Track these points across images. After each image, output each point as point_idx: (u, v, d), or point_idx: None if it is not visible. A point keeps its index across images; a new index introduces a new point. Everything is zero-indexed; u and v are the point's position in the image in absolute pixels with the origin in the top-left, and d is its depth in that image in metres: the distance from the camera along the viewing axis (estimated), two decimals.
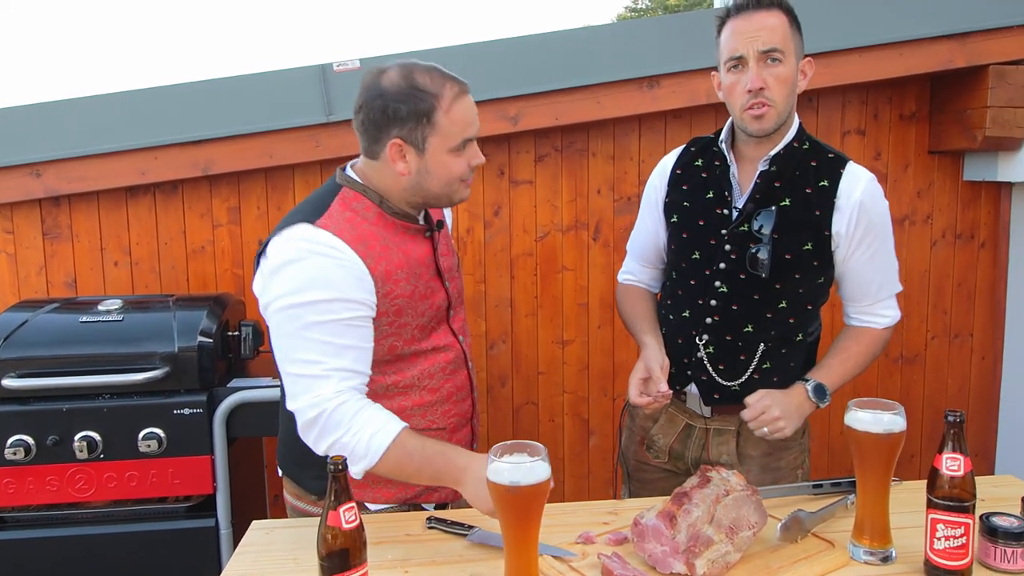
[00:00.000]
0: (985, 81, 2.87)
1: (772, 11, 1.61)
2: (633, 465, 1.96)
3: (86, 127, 2.87)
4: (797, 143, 1.70)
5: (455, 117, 1.49)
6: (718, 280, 1.73)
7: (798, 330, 1.77)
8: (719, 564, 1.29)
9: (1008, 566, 1.34)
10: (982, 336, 3.31)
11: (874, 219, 1.70)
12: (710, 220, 1.74)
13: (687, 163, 1.82)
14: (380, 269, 1.49)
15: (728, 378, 1.77)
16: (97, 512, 2.28)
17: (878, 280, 1.76)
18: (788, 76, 1.61)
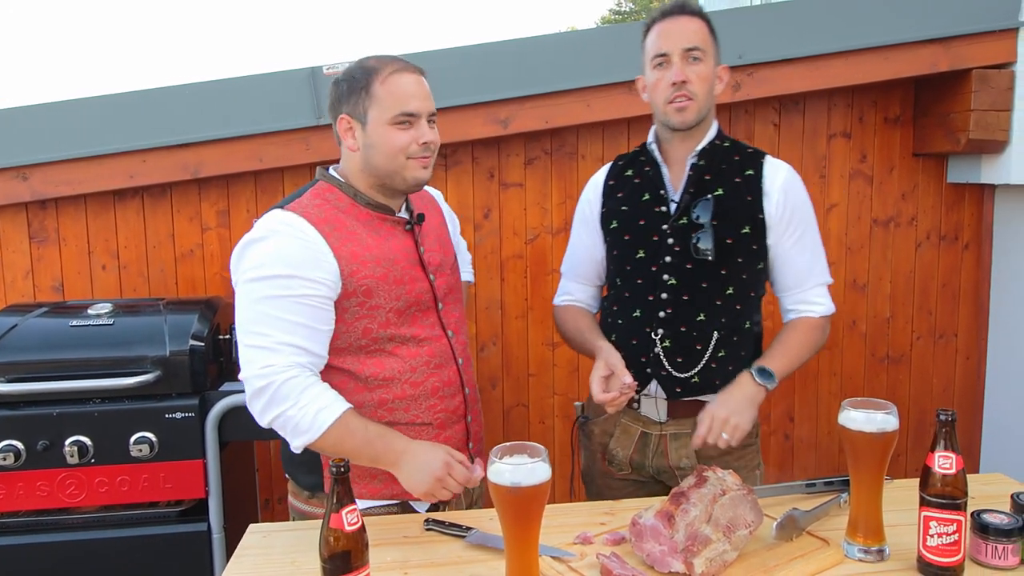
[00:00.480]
0: (968, 85, 2.91)
1: (694, 18, 1.78)
2: (600, 483, 1.99)
3: (74, 130, 2.85)
4: (719, 141, 1.84)
5: (391, 88, 1.55)
6: (666, 273, 1.81)
7: (745, 318, 1.85)
8: (717, 563, 1.30)
9: (999, 562, 1.37)
10: (966, 336, 3.36)
11: (797, 204, 1.82)
12: (650, 218, 1.83)
13: (618, 174, 1.93)
14: (346, 251, 1.54)
15: (686, 369, 1.82)
16: (88, 517, 2.26)
17: (807, 266, 1.85)
18: (708, 75, 1.76)
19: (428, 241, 1.71)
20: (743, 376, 1.75)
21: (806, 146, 3.21)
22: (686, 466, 1.85)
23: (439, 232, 1.78)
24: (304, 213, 1.54)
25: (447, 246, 1.79)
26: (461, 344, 1.75)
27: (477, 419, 1.81)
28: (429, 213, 1.76)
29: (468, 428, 1.76)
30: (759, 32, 2.98)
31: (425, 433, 1.65)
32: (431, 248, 1.71)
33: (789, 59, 2.94)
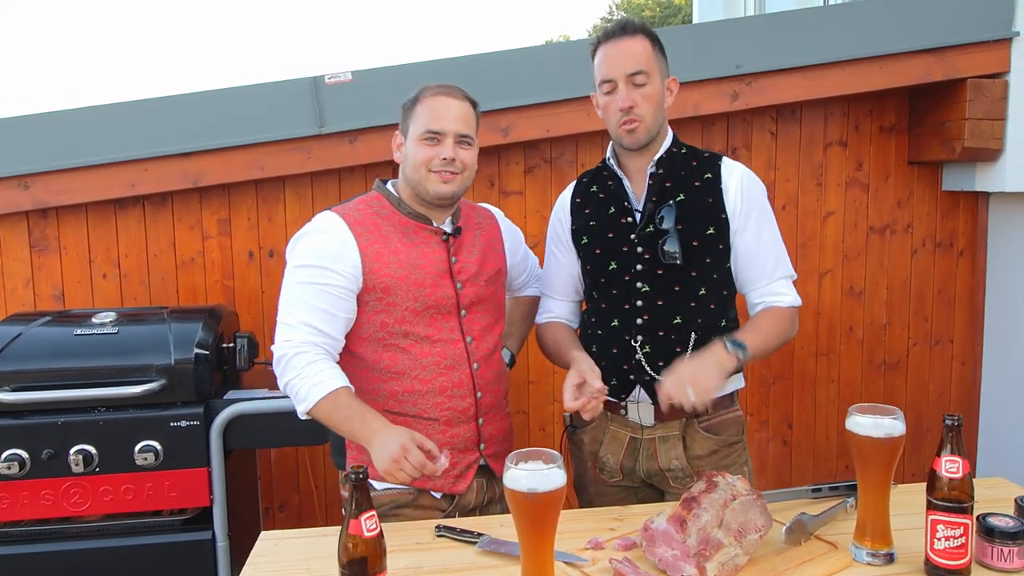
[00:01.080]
0: (963, 94, 2.95)
1: (636, 37, 1.80)
2: (593, 492, 2.00)
3: (76, 139, 2.85)
4: (675, 148, 1.89)
5: (427, 107, 1.74)
6: (639, 281, 1.84)
7: (720, 316, 1.88)
8: (729, 567, 1.32)
9: (1005, 565, 1.39)
10: (962, 342, 3.39)
11: (755, 197, 1.87)
12: (618, 231, 1.87)
13: (583, 192, 1.97)
14: (372, 251, 1.72)
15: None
16: (91, 526, 2.26)
17: (771, 258, 1.88)
18: (654, 94, 1.80)
19: (464, 253, 1.82)
20: (714, 344, 1.76)
21: (803, 154, 3.24)
22: (676, 467, 1.86)
23: (486, 247, 1.88)
24: (344, 215, 1.74)
25: (491, 260, 1.88)
26: (482, 350, 1.82)
27: (493, 423, 1.86)
28: (479, 229, 1.88)
29: (480, 430, 1.81)
30: (757, 42, 3.01)
31: (431, 428, 1.75)
32: (466, 260, 1.81)
33: (786, 69, 2.97)
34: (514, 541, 1.47)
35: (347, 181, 3.06)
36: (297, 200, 3.05)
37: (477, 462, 1.83)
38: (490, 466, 1.86)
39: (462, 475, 1.81)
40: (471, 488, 1.84)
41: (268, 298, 3.06)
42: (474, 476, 1.84)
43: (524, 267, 2.10)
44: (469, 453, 1.81)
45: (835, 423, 3.37)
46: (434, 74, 2.95)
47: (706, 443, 1.87)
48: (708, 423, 1.88)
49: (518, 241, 2.05)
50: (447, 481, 1.79)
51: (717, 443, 1.88)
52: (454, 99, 1.75)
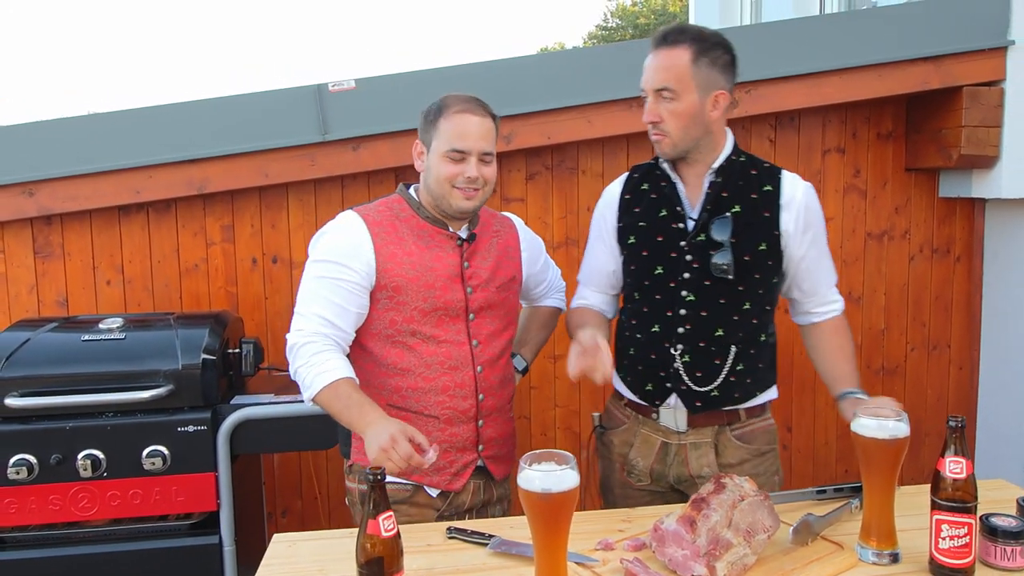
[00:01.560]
0: (959, 102, 2.98)
1: (676, 48, 1.76)
2: (618, 493, 2.01)
3: (80, 146, 2.87)
4: (735, 156, 1.86)
5: (452, 124, 1.76)
6: (684, 290, 1.83)
7: (761, 331, 1.89)
8: (738, 566, 1.34)
9: (1008, 564, 1.41)
10: (959, 347, 3.42)
11: (817, 217, 1.89)
12: (668, 235, 1.85)
13: (634, 189, 1.94)
14: (386, 250, 1.78)
15: (705, 384, 1.85)
16: (98, 531, 2.27)
17: (827, 272, 1.94)
18: (682, 111, 1.76)
19: (478, 259, 1.85)
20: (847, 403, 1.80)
21: (801, 161, 3.27)
22: (707, 475, 1.86)
23: (501, 254, 1.91)
24: (364, 214, 1.82)
25: (505, 267, 1.91)
26: (487, 354, 1.85)
27: (494, 426, 1.89)
28: (496, 236, 1.92)
29: (479, 431, 1.85)
30: (756, 50, 3.05)
31: (431, 425, 1.81)
32: (479, 265, 1.85)
33: (785, 77, 3.00)
34: (525, 543, 1.50)
35: (350, 188, 3.08)
36: (300, 207, 3.07)
37: (475, 462, 1.87)
38: (488, 468, 1.89)
39: (459, 474, 1.85)
40: (467, 488, 1.87)
41: (271, 304, 3.07)
42: (471, 476, 1.87)
43: (544, 277, 2.12)
44: (467, 453, 1.85)
45: (834, 428, 3.40)
46: (437, 82, 2.98)
47: (738, 452, 1.88)
48: (740, 431, 1.89)
49: (537, 251, 2.07)
50: (443, 478, 1.83)
51: (749, 452, 1.89)
52: (477, 116, 1.77)
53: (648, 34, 7.40)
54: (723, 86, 1.80)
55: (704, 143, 1.81)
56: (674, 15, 22.36)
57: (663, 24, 16.84)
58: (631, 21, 23.89)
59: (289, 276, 3.08)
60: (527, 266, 2.01)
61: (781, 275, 1.89)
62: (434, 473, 1.82)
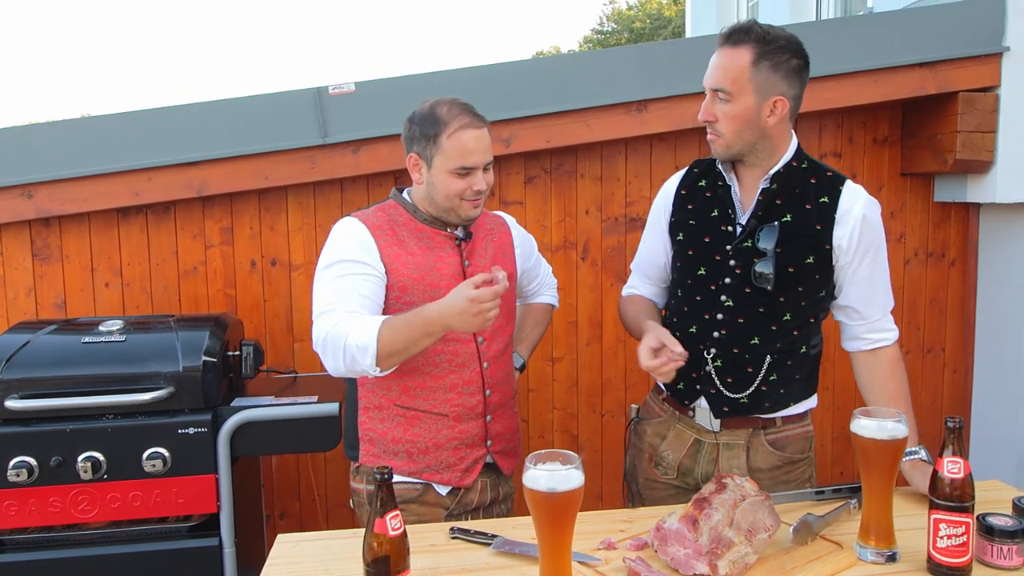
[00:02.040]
0: (955, 107, 3.01)
1: (739, 48, 1.70)
2: (642, 483, 1.99)
3: (80, 148, 2.87)
4: (796, 162, 1.79)
5: (455, 143, 1.77)
6: (724, 294, 1.80)
7: (802, 342, 1.84)
8: (739, 565, 1.35)
9: (1004, 563, 1.43)
10: (953, 350, 3.45)
11: (875, 233, 1.79)
12: (715, 237, 1.82)
13: (691, 184, 1.91)
14: (390, 252, 1.81)
15: (736, 391, 1.82)
16: (98, 533, 2.27)
17: (881, 295, 1.85)
18: (737, 113, 1.71)
19: (476, 257, 1.89)
20: (917, 465, 1.75)
21: None
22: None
23: (497, 252, 1.94)
24: (364, 219, 1.84)
25: (503, 264, 1.94)
26: (492, 350, 1.89)
27: (501, 421, 1.92)
28: (491, 235, 1.95)
29: (487, 427, 1.88)
30: None
31: (440, 423, 1.84)
32: (479, 264, 1.88)
33: None
34: (528, 542, 1.51)
35: (349, 191, 3.09)
36: (300, 209, 3.08)
37: (484, 458, 1.90)
38: (497, 463, 1.92)
39: (469, 469, 1.88)
40: (476, 486, 1.90)
41: (270, 307, 3.08)
42: (480, 473, 1.90)
43: (536, 273, 2.15)
44: (477, 449, 1.88)
45: (830, 431, 3.42)
46: (438, 85, 3.00)
47: (770, 457, 1.86)
48: (775, 436, 1.86)
49: (530, 248, 2.10)
50: (455, 475, 1.86)
51: (780, 459, 1.86)
52: (477, 129, 1.79)
53: (643, 38, 7.44)
54: (783, 91, 1.72)
55: (761, 147, 1.75)
56: (669, 19, 22.43)
57: (659, 28, 16.78)
58: (627, 25, 23.95)
59: (288, 279, 3.09)
60: (521, 263, 2.04)
61: (829, 290, 1.82)
62: (445, 470, 1.85)
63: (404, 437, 1.84)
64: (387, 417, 1.85)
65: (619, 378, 3.28)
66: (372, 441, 1.87)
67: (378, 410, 1.86)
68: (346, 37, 55.63)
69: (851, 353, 1.91)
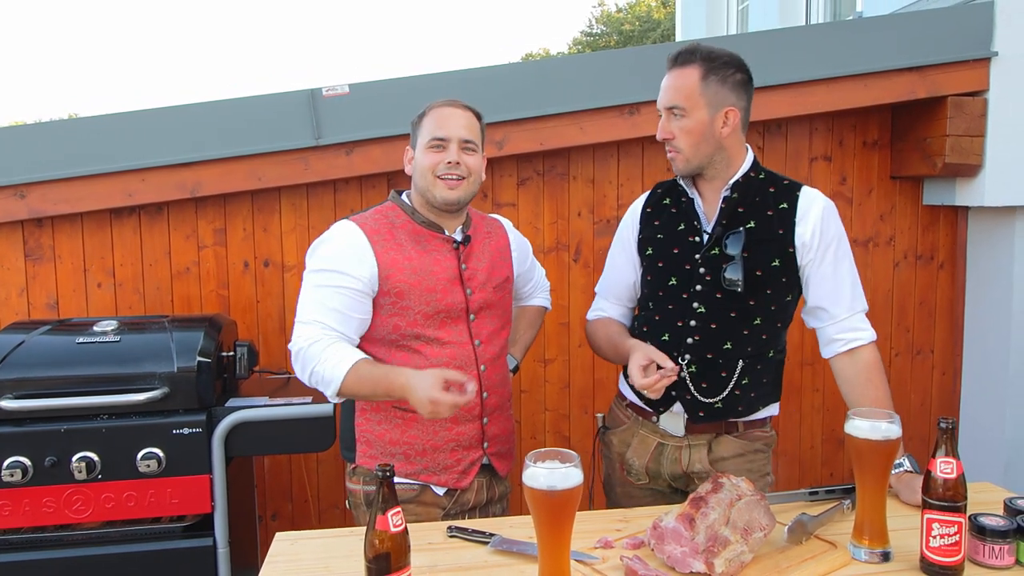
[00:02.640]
0: (944, 111, 3.04)
1: (687, 68, 1.81)
2: (619, 492, 2.05)
3: (73, 149, 2.86)
4: (753, 173, 1.88)
5: (431, 118, 1.84)
6: (696, 301, 1.86)
7: (770, 346, 1.91)
8: (735, 563, 1.37)
9: (996, 562, 1.45)
10: (942, 352, 3.48)
11: (834, 229, 1.86)
12: (683, 248, 1.89)
13: (656, 203, 2.00)
14: (387, 257, 1.80)
15: (710, 395, 1.88)
16: (91, 533, 2.26)
17: (848, 292, 1.86)
18: (692, 127, 1.80)
19: (474, 260, 1.89)
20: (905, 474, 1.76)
21: (788, 168, 3.32)
22: (699, 470, 1.90)
23: (494, 255, 1.95)
24: (361, 223, 1.83)
25: (499, 268, 1.95)
26: (489, 353, 1.90)
27: (497, 423, 1.93)
28: (488, 238, 1.95)
29: (484, 429, 1.89)
30: (744, 59, 3.09)
31: (438, 425, 1.85)
32: (476, 267, 1.89)
33: (773, 85, 3.05)
34: (525, 540, 1.52)
35: (342, 192, 3.10)
36: (293, 210, 3.08)
37: (480, 459, 1.91)
38: (493, 464, 1.93)
39: (466, 471, 1.89)
40: (472, 486, 1.91)
41: (263, 308, 3.08)
42: (476, 474, 1.91)
43: (531, 276, 2.17)
44: (473, 451, 1.89)
45: (820, 432, 3.45)
46: (431, 87, 3.00)
47: (732, 445, 1.90)
48: (738, 436, 1.92)
49: (526, 251, 2.12)
50: (452, 476, 1.87)
51: (743, 447, 1.91)
52: (457, 108, 1.85)
53: (632, 41, 7.46)
54: (733, 102, 1.82)
55: (718, 159, 1.84)
56: (658, 22, 22.51)
57: (648, 31, 16.88)
58: (616, 27, 24.00)
59: (281, 280, 3.09)
60: (517, 266, 2.05)
61: (796, 294, 1.89)
62: (442, 472, 1.85)
63: (401, 439, 1.84)
64: (385, 419, 1.86)
65: (611, 380, 3.30)
66: (369, 442, 1.88)
67: (376, 412, 1.87)
68: (337, 39, 55.64)
69: (831, 361, 1.92)
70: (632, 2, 24.73)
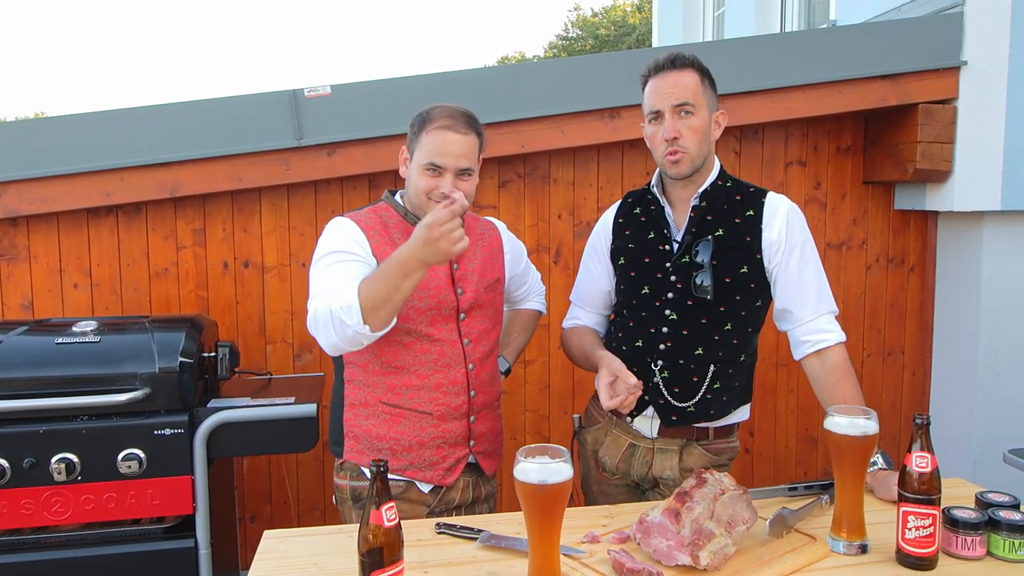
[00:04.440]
0: (915, 118, 3.12)
1: (685, 71, 1.84)
2: (596, 490, 2.09)
3: (51, 147, 2.84)
4: (721, 181, 1.92)
5: (432, 140, 1.80)
6: (668, 309, 1.90)
7: (741, 351, 1.94)
8: (719, 556, 1.40)
9: (968, 553, 1.50)
10: (912, 353, 3.56)
11: (799, 232, 1.89)
12: (655, 256, 1.92)
13: (626, 212, 2.03)
14: (381, 252, 1.80)
15: (683, 399, 1.92)
16: (70, 536, 2.25)
17: (813, 294, 1.88)
18: (700, 126, 1.83)
19: (466, 261, 1.91)
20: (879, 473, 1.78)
21: (765, 173, 3.38)
22: (668, 477, 1.94)
23: (487, 256, 1.96)
24: (355, 219, 1.86)
25: (491, 269, 1.96)
26: (478, 352, 1.91)
27: (484, 422, 1.94)
28: (481, 239, 1.97)
29: (471, 427, 1.90)
30: (722, 65, 3.12)
31: (425, 422, 1.86)
32: (467, 267, 1.90)
33: (750, 92, 3.11)
34: (514, 536, 1.54)
35: (323, 193, 3.10)
36: (273, 211, 3.08)
37: (467, 458, 1.91)
38: (479, 463, 1.94)
39: (452, 469, 1.89)
40: (458, 485, 1.92)
41: (243, 308, 3.07)
42: (462, 472, 1.92)
43: (525, 280, 2.18)
44: (460, 448, 1.90)
45: (794, 432, 3.50)
46: (413, 90, 3.02)
47: (701, 459, 1.94)
48: (707, 447, 1.96)
49: (519, 254, 2.13)
50: (437, 473, 1.88)
51: (711, 461, 1.95)
52: (459, 133, 1.80)
53: (608, 45, 7.48)
54: (719, 108, 1.91)
55: (704, 164, 1.87)
56: (634, 27, 22.67)
57: (623, 35, 17.00)
58: (591, 32, 24.15)
59: (261, 281, 3.08)
60: (510, 268, 2.07)
61: (765, 299, 1.93)
62: (428, 468, 1.86)
63: (388, 434, 1.85)
64: (373, 414, 1.87)
65: (590, 381, 3.28)
66: (357, 438, 1.88)
67: (364, 407, 1.88)
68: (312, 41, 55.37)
69: (802, 363, 1.94)
70: (608, 7, 24.91)
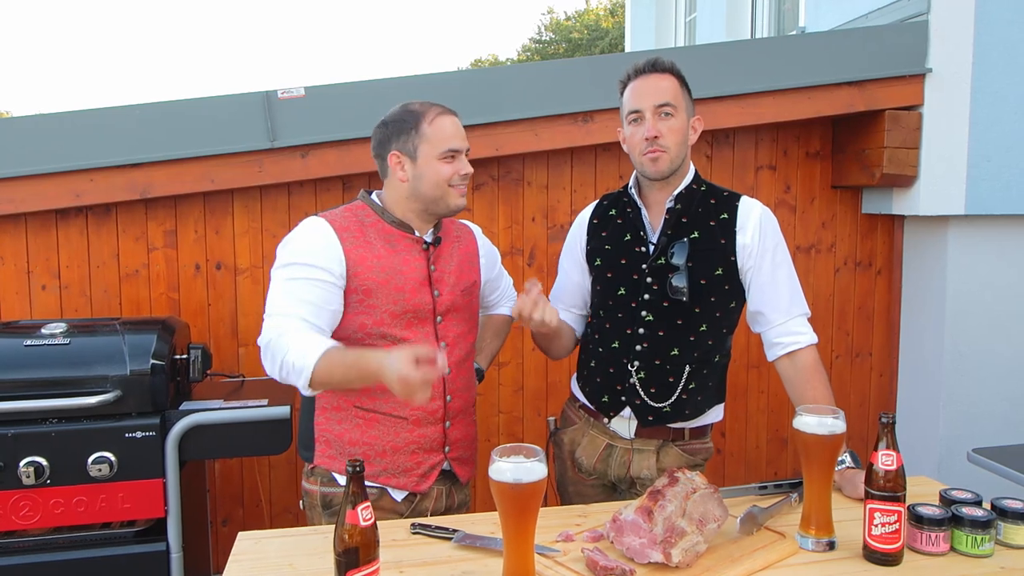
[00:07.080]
0: (882, 124, 3.18)
1: (665, 75, 1.89)
2: (572, 491, 2.10)
3: (19, 147, 2.80)
4: (695, 185, 1.95)
5: (438, 127, 1.81)
6: (644, 310, 1.92)
7: (715, 351, 1.97)
8: (691, 553, 1.42)
9: (931, 548, 1.53)
10: (879, 355, 3.62)
11: (772, 236, 1.93)
12: (631, 258, 1.95)
13: (602, 214, 2.05)
14: (355, 254, 1.79)
15: (659, 400, 1.94)
16: (39, 540, 2.23)
17: (785, 297, 1.92)
18: (679, 128, 1.87)
19: (443, 263, 1.90)
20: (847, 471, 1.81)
21: (735, 177, 3.43)
22: (645, 476, 1.97)
23: (463, 259, 1.96)
24: (330, 219, 1.83)
25: (467, 272, 1.97)
26: (454, 356, 1.90)
27: (460, 427, 1.94)
28: (458, 242, 1.97)
29: (446, 433, 1.90)
30: (694, 71, 3.15)
31: (400, 426, 1.85)
32: (444, 269, 1.90)
33: (721, 96, 3.15)
34: (488, 536, 1.55)
35: (296, 195, 3.09)
36: (246, 213, 3.06)
37: (441, 464, 1.90)
38: (454, 470, 1.93)
39: (426, 475, 1.88)
40: (431, 493, 1.90)
41: (215, 311, 3.05)
42: (436, 480, 1.91)
43: (497, 285, 2.19)
44: (434, 454, 1.89)
45: (765, 432, 3.55)
46: (387, 92, 3.02)
47: (678, 459, 1.97)
48: (683, 447, 1.99)
49: (494, 259, 2.14)
50: (411, 479, 1.87)
51: (688, 461, 1.98)
52: (455, 116, 1.85)
53: (581, 49, 7.57)
54: (695, 115, 1.95)
55: (680, 167, 1.91)
56: (607, 31, 22.80)
57: (596, 39, 17.12)
58: (565, 35, 24.24)
59: (233, 283, 3.06)
60: (485, 272, 2.07)
61: (739, 301, 1.96)
62: (401, 475, 1.85)
63: (361, 439, 1.84)
64: (345, 418, 1.85)
65: (564, 382, 3.35)
66: (328, 442, 1.87)
67: (336, 411, 1.86)
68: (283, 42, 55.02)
69: (774, 364, 1.98)
70: (581, 11, 25.02)
